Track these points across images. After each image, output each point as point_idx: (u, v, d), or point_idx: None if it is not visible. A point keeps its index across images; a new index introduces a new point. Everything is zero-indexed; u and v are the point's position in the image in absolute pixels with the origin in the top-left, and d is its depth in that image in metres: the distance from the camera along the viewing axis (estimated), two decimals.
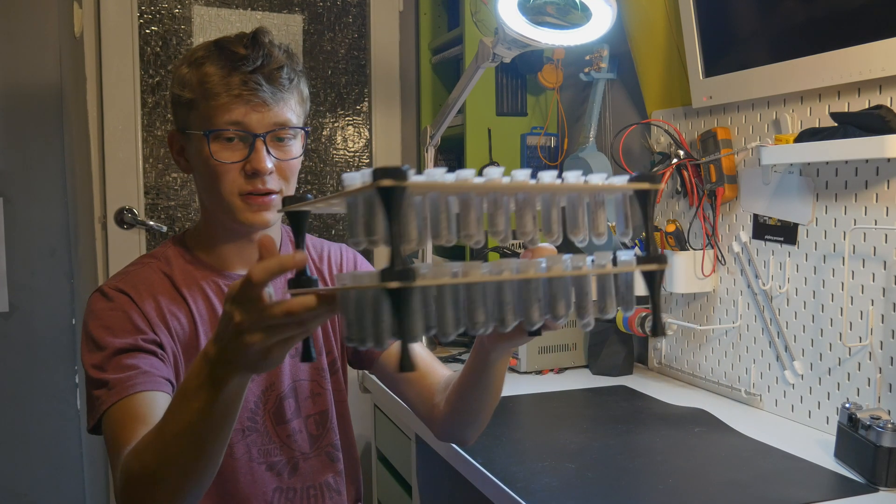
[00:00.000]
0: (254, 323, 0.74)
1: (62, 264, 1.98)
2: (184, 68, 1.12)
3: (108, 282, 1.13)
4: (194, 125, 1.10)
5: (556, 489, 1.13)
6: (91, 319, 1.09)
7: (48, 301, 1.97)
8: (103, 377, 1.02)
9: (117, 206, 2.41)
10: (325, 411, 1.25)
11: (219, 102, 1.08)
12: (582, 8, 1.53)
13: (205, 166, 1.10)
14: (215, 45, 1.11)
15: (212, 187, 1.11)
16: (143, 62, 2.44)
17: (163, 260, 1.17)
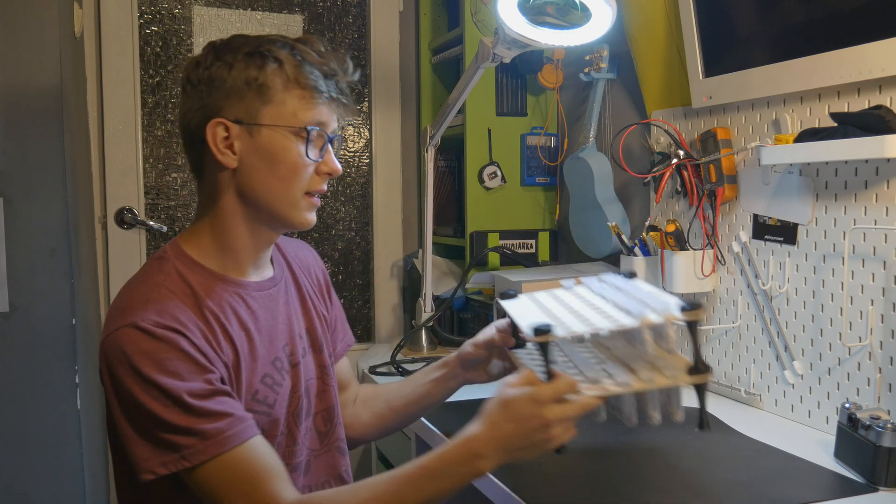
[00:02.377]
0: (560, 420, 0.96)
1: (62, 264, 1.98)
2: (268, 59, 1.07)
3: (140, 315, 1.01)
4: (268, 117, 1.07)
5: (556, 489, 1.13)
6: (143, 362, 0.98)
7: (48, 301, 1.97)
8: (188, 425, 0.97)
9: (117, 206, 2.41)
10: (331, 407, 1.26)
11: (315, 102, 1.08)
12: (582, 8, 1.53)
13: (276, 161, 1.08)
14: (299, 44, 1.10)
15: (279, 184, 1.09)
16: (143, 62, 2.44)
17: (179, 279, 1.09)
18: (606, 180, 1.92)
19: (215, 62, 1.07)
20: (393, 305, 2.73)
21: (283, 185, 1.09)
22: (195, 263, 1.11)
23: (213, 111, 1.07)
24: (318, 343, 1.26)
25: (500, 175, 2.25)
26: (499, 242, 2.23)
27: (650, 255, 1.69)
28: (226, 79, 1.06)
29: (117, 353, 0.99)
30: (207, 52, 1.09)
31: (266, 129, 1.07)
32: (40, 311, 1.97)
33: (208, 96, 1.07)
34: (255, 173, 1.09)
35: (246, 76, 1.06)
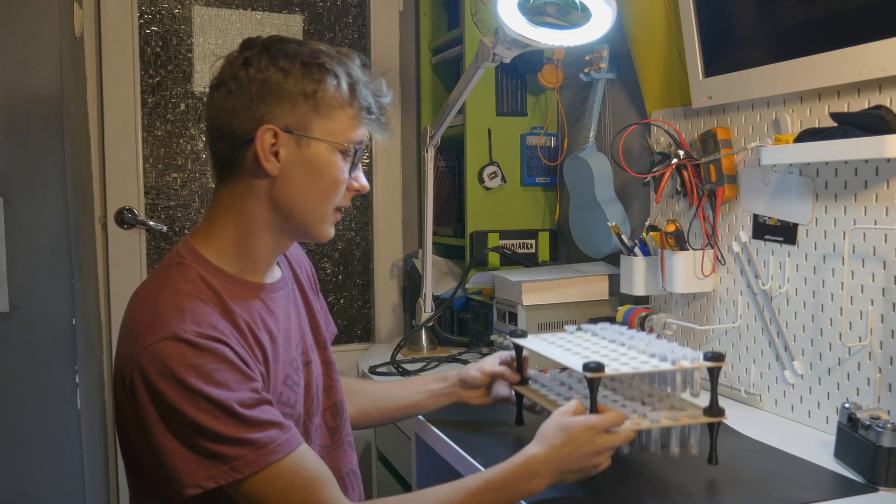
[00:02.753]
0: (608, 448, 1.08)
1: (62, 264, 1.98)
2: (327, 73, 1.07)
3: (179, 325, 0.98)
4: (319, 130, 1.07)
5: (555, 489, 1.13)
6: (190, 374, 0.96)
7: (48, 301, 1.97)
8: (240, 436, 0.96)
9: (117, 206, 2.41)
10: (339, 402, 1.27)
11: (363, 122, 1.10)
12: (582, 8, 1.53)
13: (319, 175, 1.08)
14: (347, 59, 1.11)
15: (316, 197, 1.09)
16: (143, 62, 2.44)
17: (204, 286, 1.06)
18: (606, 180, 1.92)
19: (270, 66, 1.05)
20: (393, 305, 2.73)
21: (320, 198, 1.10)
22: (215, 268, 1.09)
23: (265, 116, 1.05)
24: (322, 339, 1.27)
25: (500, 175, 2.25)
26: (499, 242, 2.23)
27: (650, 255, 1.69)
28: (282, 85, 1.05)
29: (159, 366, 0.96)
30: (258, 53, 1.06)
31: (315, 143, 1.07)
32: (40, 311, 1.97)
33: (260, 100, 1.05)
34: (295, 184, 1.08)
35: (303, 87, 1.05)
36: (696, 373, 1.20)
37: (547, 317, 1.85)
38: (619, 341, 1.31)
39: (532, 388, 1.36)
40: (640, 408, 1.17)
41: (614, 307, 1.87)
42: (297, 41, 1.09)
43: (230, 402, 0.96)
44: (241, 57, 1.07)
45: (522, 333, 1.39)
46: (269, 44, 1.07)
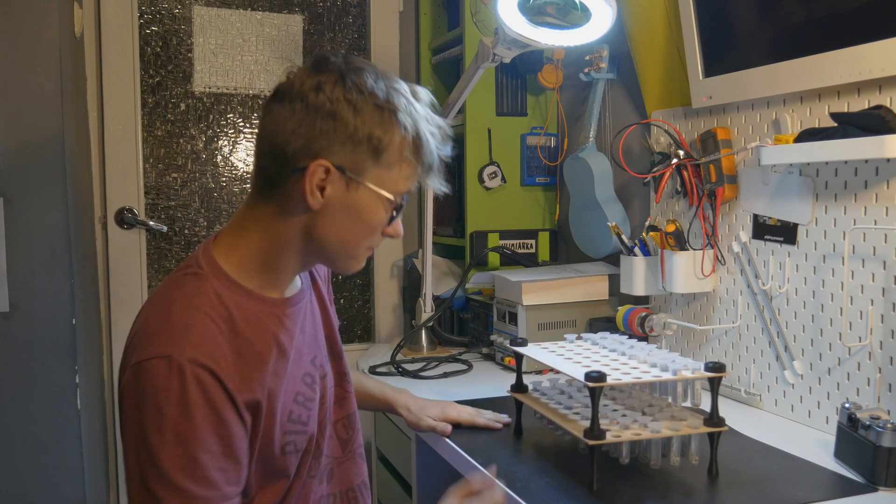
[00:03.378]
0: None
1: (62, 264, 1.98)
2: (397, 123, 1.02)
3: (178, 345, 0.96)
4: (372, 177, 1.03)
5: (556, 489, 1.13)
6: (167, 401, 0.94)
7: (48, 301, 1.97)
8: (180, 481, 0.93)
9: (117, 206, 2.41)
10: (351, 414, 1.26)
11: (418, 177, 1.08)
12: (582, 8, 1.53)
13: (360, 219, 1.06)
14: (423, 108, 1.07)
15: (352, 239, 1.07)
16: (143, 62, 2.44)
17: (218, 302, 1.02)
18: (606, 180, 1.92)
19: (342, 99, 1.00)
20: (393, 305, 2.73)
21: (355, 240, 1.08)
22: (233, 283, 1.05)
23: (323, 149, 1.00)
24: (338, 350, 1.25)
25: (500, 175, 2.25)
26: (499, 242, 2.23)
27: (650, 255, 1.69)
28: (348, 123, 1.00)
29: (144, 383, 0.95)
30: (333, 80, 1.01)
31: (364, 188, 1.03)
32: (40, 311, 1.97)
33: (323, 131, 1.00)
34: (335, 222, 1.05)
35: (370, 130, 1.01)
36: (697, 382, 1.20)
37: (547, 317, 1.85)
38: (620, 350, 1.31)
39: (532, 396, 1.36)
40: (640, 417, 1.18)
41: (614, 307, 1.87)
42: (373, 71, 1.04)
43: (191, 440, 0.94)
44: (315, 79, 1.01)
45: (522, 341, 1.39)
46: (345, 72, 1.02)
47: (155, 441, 0.94)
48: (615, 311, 1.78)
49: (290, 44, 2.60)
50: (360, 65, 1.04)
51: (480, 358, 2.02)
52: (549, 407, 1.28)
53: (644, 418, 1.18)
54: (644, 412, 1.21)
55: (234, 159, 2.57)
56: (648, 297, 1.78)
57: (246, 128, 2.57)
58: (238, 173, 2.57)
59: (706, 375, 1.16)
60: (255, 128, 2.58)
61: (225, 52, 2.53)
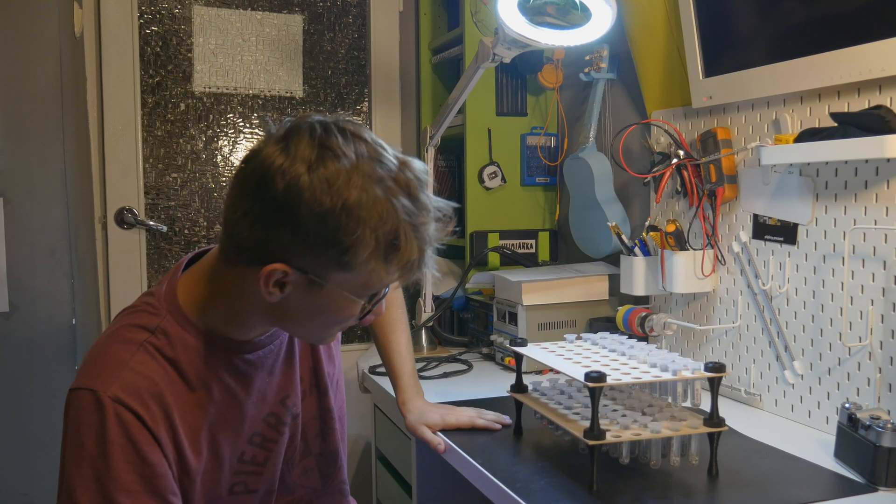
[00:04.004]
0: None
1: (62, 264, 1.98)
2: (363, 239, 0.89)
3: (106, 382, 0.93)
4: (338, 280, 0.93)
5: (556, 489, 1.13)
6: (87, 434, 0.92)
7: (48, 301, 1.97)
8: None
9: (117, 206, 2.41)
10: (334, 451, 1.21)
11: (395, 274, 0.95)
12: (582, 8, 1.53)
13: (327, 315, 0.97)
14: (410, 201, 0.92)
15: (318, 328, 1.01)
16: (143, 62, 2.44)
17: (162, 338, 0.98)
18: (606, 180, 1.92)
19: (305, 198, 0.87)
20: None
21: (322, 329, 1.02)
22: (189, 324, 1.00)
23: (279, 252, 0.91)
24: (323, 384, 1.18)
25: (501, 175, 2.25)
26: (499, 242, 2.23)
27: (650, 255, 1.69)
28: (309, 231, 0.89)
29: (72, 412, 0.95)
30: (300, 167, 0.88)
31: (329, 289, 0.94)
32: (40, 311, 1.97)
33: (279, 233, 0.90)
34: (297, 314, 0.98)
35: (334, 240, 0.89)
36: (697, 382, 1.20)
37: (547, 317, 1.85)
38: (620, 351, 1.31)
39: (532, 396, 1.36)
40: (640, 418, 1.18)
41: (614, 307, 1.87)
42: (354, 156, 0.90)
43: (107, 479, 0.92)
44: (280, 162, 0.89)
45: (522, 342, 1.39)
46: (316, 158, 0.88)
47: (72, 473, 0.92)
48: (615, 311, 1.78)
49: (290, 44, 2.60)
50: (338, 147, 0.90)
51: (480, 358, 2.02)
52: (548, 407, 1.28)
53: (644, 418, 1.18)
54: (644, 412, 1.21)
55: (234, 159, 2.57)
56: (648, 297, 1.78)
57: (246, 128, 2.57)
58: None
59: (706, 375, 1.16)
60: (255, 127, 2.58)
61: (225, 52, 2.53)
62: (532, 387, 1.40)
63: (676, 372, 1.16)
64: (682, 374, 1.16)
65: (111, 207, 2.41)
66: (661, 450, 1.19)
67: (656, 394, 1.29)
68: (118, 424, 0.92)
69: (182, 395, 0.99)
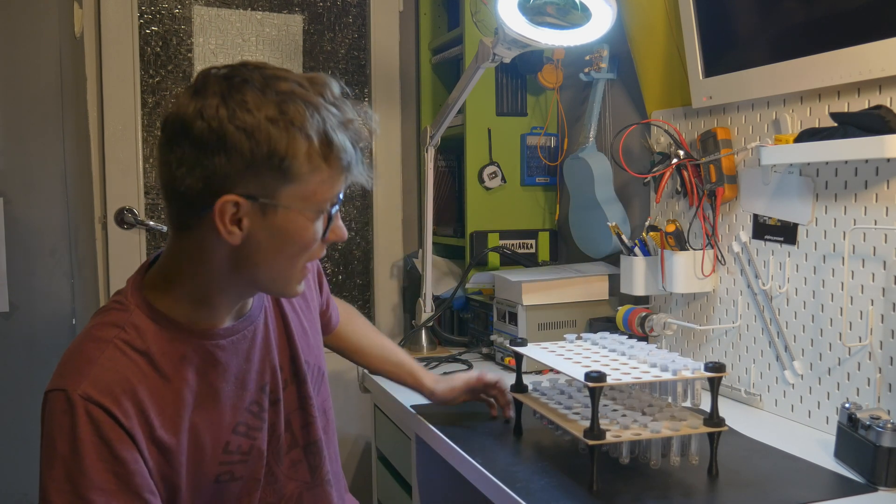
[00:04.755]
0: None
1: (62, 264, 1.98)
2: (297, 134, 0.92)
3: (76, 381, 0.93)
4: (288, 196, 0.94)
5: (555, 489, 1.13)
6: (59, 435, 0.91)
7: (48, 301, 1.98)
8: None
9: (117, 206, 2.41)
10: (317, 441, 1.21)
11: (341, 178, 0.97)
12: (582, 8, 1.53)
13: (288, 241, 0.98)
14: (322, 100, 0.96)
15: (285, 262, 0.99)
16: (143, 62, 2.44)
17: (132, 332, 0.98)
18: (606, 180, 1.92)
19: (229, 122, 0.90)
20: (393, 305, 2.73)
21: (289, 263, 1.00)
22: (159, 315, 1.00)
23: (223, 184, 0.92)
24: (302, 372, 1.18)
25: (501, 175, 2.25)
26: (499, 242, 2.23)
27: (650, 255, 1.69)
28: (243, 149, 0.90)
29: (45, 414, 0.94)
30: (216, 104, 0.91)
31: (283, 209, 0.95)
32: (40, 311, 1.97)
33: (218, 166, 0.91)
34: (261, 251, 0.97)
35: (268, 150, 0.91)
36: (697, 382, 1.20)
37: (547, 317, 1.85)
38: (620, 350, 1.32)
39: (532, 396, 1.37)
40: (640, 418, 1.18)
41: (614, 307, 1.87)
42: (261, 78, 0.94)
43: (78, 479, 0.91)
44: (196, 106, 0.91)
45: (522, 341, 1.39)
46: (227, 91, 0.92)
47: (45, 474, 0.92)
48: (615, 311, 1.78)
49: (290, 44, 2.60)
50: (245, 74, 0.93)
51: (480, 358, 2.02)
52: (548, 407, 1.28)
53: (644, 418, 1.18)
54: (644, 412, 1.21)
55: None
56: (648, 297, 1.78)
57: None
58: None
59: (706, 375, 1.16)
60: None
61: (225, 52, 2.53)
62: (532, 387, 1.40)
63: (676, 372, 1.16)
64: (682, 374, 1.16)
65: (111, 207, 2.41)
66: (662, 450, 1.19)
67: (656, 394, 1.29)
68: (89, 423, 0.92)
69: (157, 387, 0.98)
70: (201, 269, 1.00)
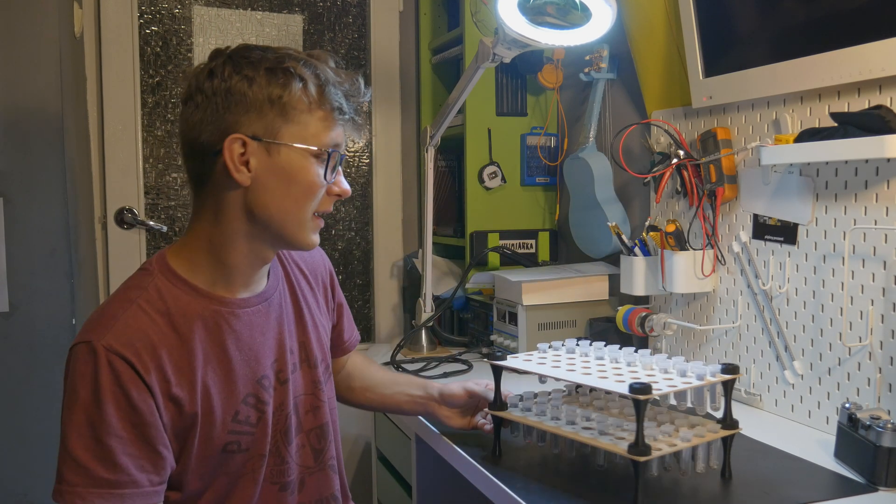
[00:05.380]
0: None
1: (62, 264, 1.98)
2: (292, 77, 1.04)
3: (100, 334, 1.01)
4: (289, 135, 1.04)
5: (556, 489, 1.13)
6: (81, 383, 0.99)
7: (48, 301, 1.97)
8: (83, 460, 0.97)
9: (117, 205, 2.41)
10: (324, 425, 1.24)
11: (336, 123, 1.07)
12: (582, 8, 1.53)
13: (292, 182, 1.06)
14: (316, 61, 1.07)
15: (292, 205, 1.07)
16: (143, 62, 2.44)
17: (157, 296, 1.06)
18: (606, 180, 1.92)
19: (234, 75, 1.03)
20: (393, 305, 2.73)
21: (297, 205, 1.07)
22: (180, 280, 1.08)
23: (231, 126, 1.03)
24: (313, 358, 1.23)
25: (501, 175, 2.25)
26: (499, 242, 2.23)
27: (650, 255, 1.69)
28: (246, 93, 1.02)
29: (70, 366, 1.02)
30: (222, 62, 1.05)
31: (285, 149, 1.05)
32: (40, 311, 1.97)
33: (226, 110, 1.03)
34: (269, 192, 1.06)
35: (269, 93, 1.03)
36: (718, 386, 1.19)
37: (547, 317, 1.85)
38: (612, 357, 1.27)
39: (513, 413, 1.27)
40: (667, 428, 1.14)
41: (614, 307, 1.87)
42: (264, 48, 1.07)
43: (98, 424, 0.98)
44: (207, 68, 1.05)
45: (501, 355, 1.32)
46: (233, 52, 1.06)
47: (66, 420, 0.99)
48: (615, 311, 1.78)
49: (290, 44, 2.60)
50: (250, 45, 1.08)
51: (480, 358, 2.02)
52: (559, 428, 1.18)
53: (669, 427, 1.14)
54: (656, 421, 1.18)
55: None
56: (648, 297, 1.78)
57: None
58: None
59: (724, 378, 1.16)
60: None
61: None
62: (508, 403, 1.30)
63: (703, 377, 1.15)
64: (708, 380, 1.15)
65: (111, 207, 2.41)
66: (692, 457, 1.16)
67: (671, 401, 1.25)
68: (110, 372, 0.99)
69: (174, 346, 1.05)
70: (218, 223, 1.08)
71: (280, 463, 1.17)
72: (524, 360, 1.31)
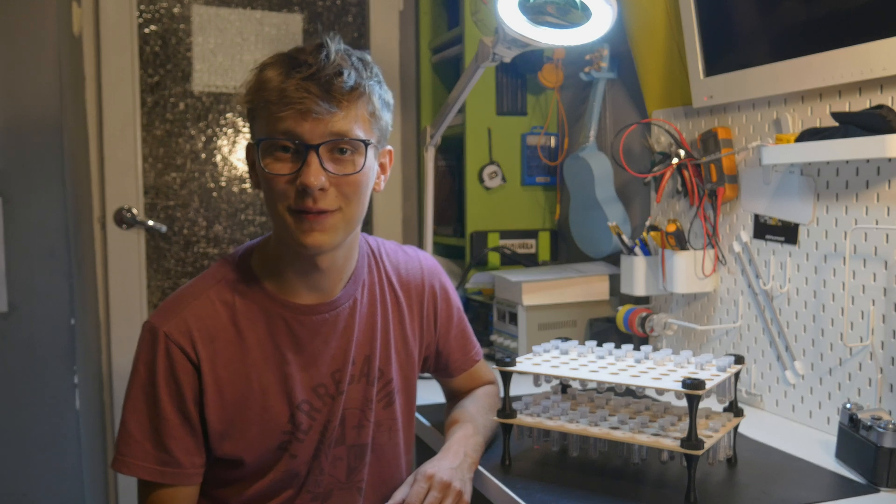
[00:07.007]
0: None
1: (62, 264, 1.98)
2: (250, 75, 1.08)
3: (167, 318, 1.08)
4: (254, 135, 1.09)
5: (556, 489, 1.13)
6: (142, 363, 1.08)
7: (48, 301, 1.97)
8: (134, 433, 1.08)
9: (117, 205, 2.41)
10: (364, 445, 1.21)
11: (272, 110, 1.03)
12: (582, 7, 1.53)
13: (262, 179, 1.07)
14: (286, 52, 1.08)
15: (268, 202, 1.08)
16: (143, 62, 2.43)
17: (225, 286, 1.12)
18: (607, 180, 1.92)
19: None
20: None
21: (268, 203, 1.08)
22: (252, 277, 1.13)
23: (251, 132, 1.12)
24: (373, 374, 1.19)
25: (501, 175, 2.24)
26: (499, 242, 2.23)
27: (651, 254, 1.68)
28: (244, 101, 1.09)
29: (138, 344, 1.10)
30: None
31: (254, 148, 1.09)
32: (40, 311, 1.97)
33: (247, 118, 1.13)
34: (263, 194, 1.10)
35: (245, 94, 1.08)
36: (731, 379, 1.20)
37: (547, 317, 1.85)
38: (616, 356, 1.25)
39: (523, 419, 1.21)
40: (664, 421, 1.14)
41: (614, 307, 1.87)
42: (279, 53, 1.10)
43: (152, 402, 1.07)
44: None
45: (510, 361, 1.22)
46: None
47: (128, 391, 1.09)
48: (615, 312, 1.78)
49: (289, 43, 2.59)
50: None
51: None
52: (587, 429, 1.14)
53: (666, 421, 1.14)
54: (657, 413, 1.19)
55: (234, 159, 2.57)
56: (649, 297, 1.78)
57: (245, 127, 2.57)
58: (237, 173, 2.57)
59: (738, 368, 1.18)
60: None
61: (224, 51, 2.52)
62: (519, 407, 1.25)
63: (724, 368, 1.16)
64: (732, 367, 1.17)
65: (110, 207, 2.40)
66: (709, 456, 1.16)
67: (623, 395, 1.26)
68: (166, 358, 1.07)
69: (231, 342, 1.10)
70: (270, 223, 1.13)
71: (316, 472, 1.17)
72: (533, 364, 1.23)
